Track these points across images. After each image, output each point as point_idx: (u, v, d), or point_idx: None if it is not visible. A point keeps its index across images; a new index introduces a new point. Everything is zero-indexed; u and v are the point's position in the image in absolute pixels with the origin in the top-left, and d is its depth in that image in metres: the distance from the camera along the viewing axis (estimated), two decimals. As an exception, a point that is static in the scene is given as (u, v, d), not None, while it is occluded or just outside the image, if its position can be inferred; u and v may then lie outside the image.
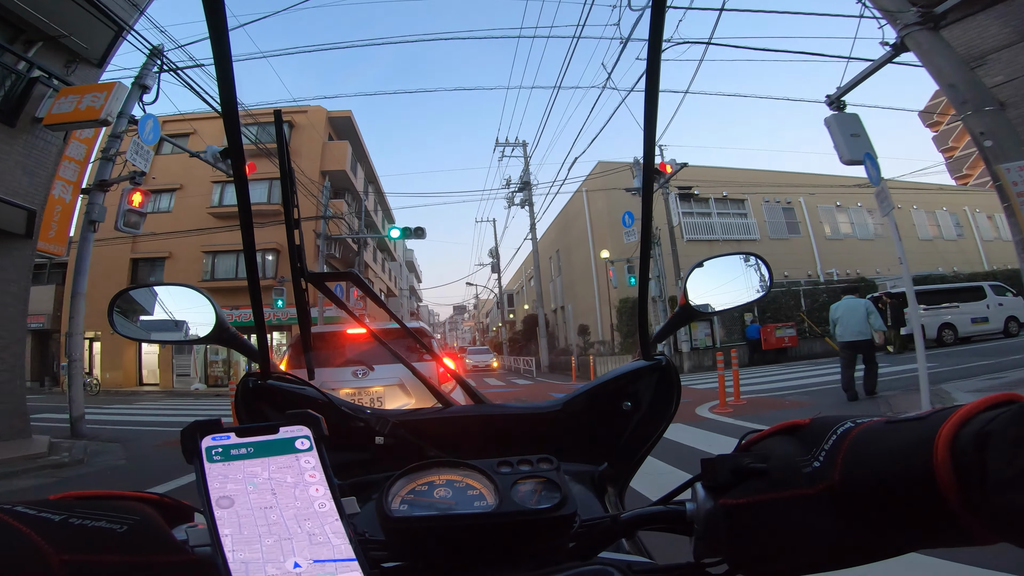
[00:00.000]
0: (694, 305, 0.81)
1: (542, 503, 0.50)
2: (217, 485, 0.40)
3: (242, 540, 0.37)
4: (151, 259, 21.89)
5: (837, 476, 0.39)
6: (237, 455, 0.42)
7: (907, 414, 0.39)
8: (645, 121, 0.58)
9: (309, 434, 0.45)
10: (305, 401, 0.79)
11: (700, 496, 0.49)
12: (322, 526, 0.39)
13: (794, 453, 0.44)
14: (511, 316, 39.14)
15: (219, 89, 0.50)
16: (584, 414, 0.83)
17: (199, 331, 0.79)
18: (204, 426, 0.43)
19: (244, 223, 0.61)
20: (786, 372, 12.58)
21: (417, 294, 60.82)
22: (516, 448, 0.64)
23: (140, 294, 0.85)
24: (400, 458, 0.62)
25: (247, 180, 0.58)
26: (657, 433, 0.83)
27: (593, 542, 0.54)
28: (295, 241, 0.74)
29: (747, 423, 6.35)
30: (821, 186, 23.98)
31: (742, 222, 23.27)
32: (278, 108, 0.76)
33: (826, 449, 0.41)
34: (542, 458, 0.55)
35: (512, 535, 0.50)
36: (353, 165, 25.13)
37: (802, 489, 0.41)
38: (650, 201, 0.65)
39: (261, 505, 0.40)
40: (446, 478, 0.54)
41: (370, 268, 27.63)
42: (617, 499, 0.78)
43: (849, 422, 0.42)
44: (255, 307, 0.67)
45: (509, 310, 38.95)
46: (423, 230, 17.20)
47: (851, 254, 24.23)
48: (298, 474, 0.43)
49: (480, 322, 62.01)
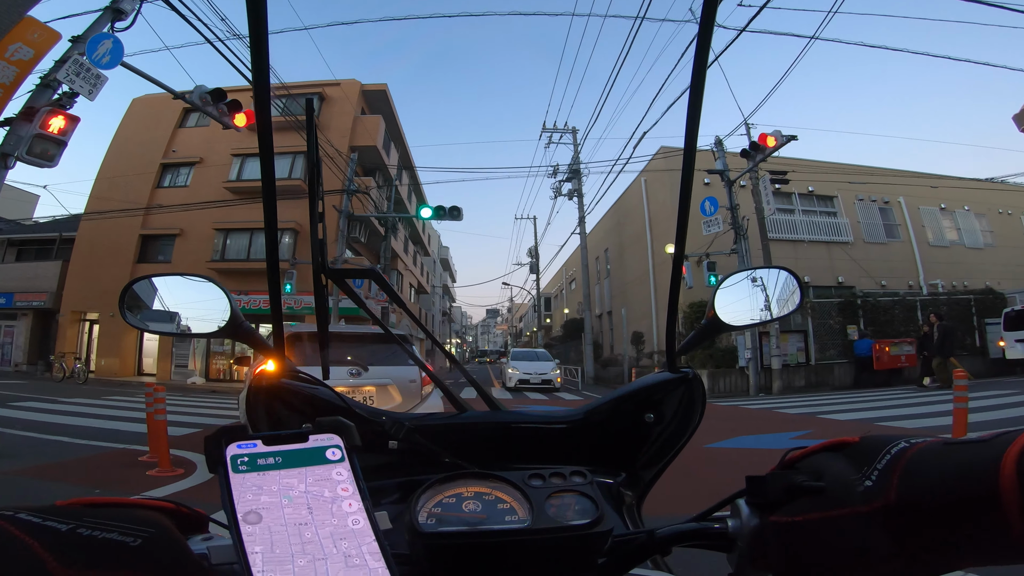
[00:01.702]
0: (722, 319, 0.77)
1: (577, 519, 0.49)
2: (244, 498, 0.37)
3: (273, 560, 0.34)
4: (161, 235, 20.00)
5: (893, 495, 0.38)
6: (265, 465, 0.39)
7: (968, 436, 0.38)
8: (689, 106, 0.54)
9: (340, 443, 0.42)
10: (321, 403, 0.76)
11: (744, 513, 0.48)
12: (359, 546, 0.37)
13: (846, 471, 0.43)
14: (548, 321, 36.59)
15: (252, 61, 0.46)
16: (605, 424, 0.79)
17: (212, 324, 0.74)
18: (230, 432, 0.40)
19: (268, 216, 0.55)
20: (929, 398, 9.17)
21: (450, 293, 58.71)
22: (534, 457, 0.64)
23: (152, 284, 0.79)
24: (415, 464, 0.62)
25: (273, 164, 0.52)
26: (678, 447, 0.79)
27: (625, 559, 0.52)
28: (318, 235, 0.73)
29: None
30: (922, 185, 20.53)
31: (831, 221, 19.87)
32: (309, 98, 0.87)
33: (879, 468, 0.40)
34: (575, 471, 0.54)
35: (546, 552, 0.48)
36: (386, 143, 22.77)
37: (856, 508, 0.40)
38: (687, 200, 0.61)
39: (295, 521, 0.37)
40: (474, 490, 0.53)
41: (399, 259, 25.22)
42: (636, 511, 0.76)
43: (904, 441, 0.41)
44: (273, 301, 0.64)
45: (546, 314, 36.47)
46: (459, 210, 14.58)
47: (958, 264, 20.67)
48: (333, 487, 0.40)
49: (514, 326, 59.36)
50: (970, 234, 21.94)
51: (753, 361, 12.98)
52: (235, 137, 20.31)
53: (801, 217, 19.56)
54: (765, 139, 12.21)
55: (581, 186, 22.72)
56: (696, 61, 0.52)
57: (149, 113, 21.23)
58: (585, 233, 22.66)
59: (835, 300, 14.80)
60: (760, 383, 12.96)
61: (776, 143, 12.10)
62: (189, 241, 19.41)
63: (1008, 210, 22.52)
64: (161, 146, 20.98)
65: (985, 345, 14.78)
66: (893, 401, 9.13)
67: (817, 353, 14.01)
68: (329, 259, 0.74)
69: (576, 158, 23.29)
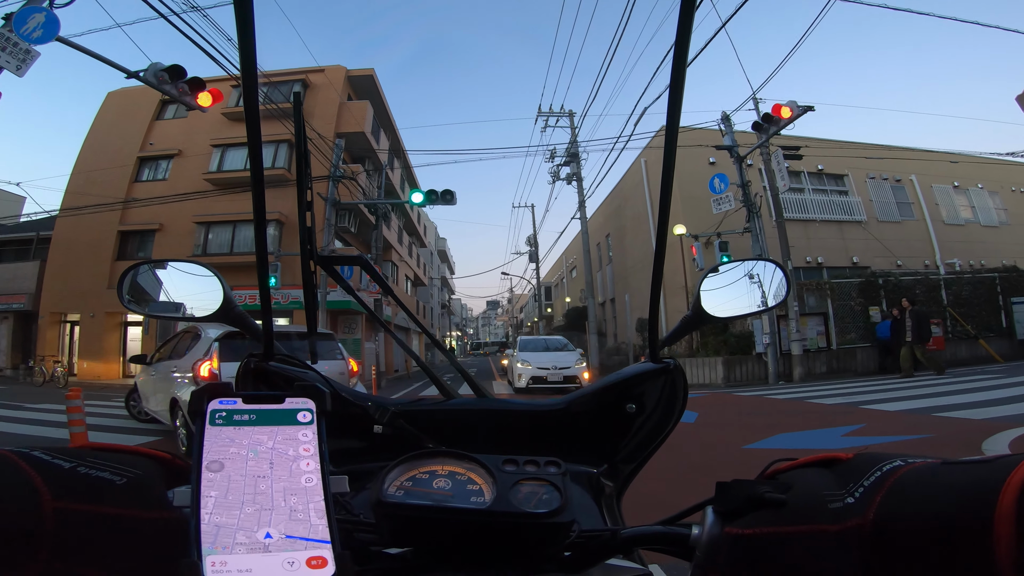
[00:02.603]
0: (707, 311, 0.76)
1: (540, 507, 0.49)
2: (213, 448, 0.40)
3: (224, 505, 0.37)
4: (140, 231, 19.03)
5: (871, 515, 0.36)
6: (239, 420, 0.43)
7: (969, 457, 0.36)
8: (672, 84, 0.51)
9: (312, 407, 0.45)
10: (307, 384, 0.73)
11: (708, 521, 0.47)
12: (306, 503, 0.39)
13: (823, 487, 0.42)
14: (548, 310, 35.82)
15: (240, 52, 0.45)
16: (587, 414, 0.80)
17: (205, 309, 0.76)
18: (214, 389, 0.44)
19: (256, 204, 0.55)
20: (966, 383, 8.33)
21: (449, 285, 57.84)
22: (516, 445, 0.65)
23: (150, 269, 0.82)
24: (398, 449, 0.61)
25: (261, 152, 0.51)
26: (660, 438, 0.79)
27: (589, 554, 0.53)
28: (307, 223, 0.74)
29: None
30: (941, 160, 19.87)
31: (842, 200, 19.13)
32: (297, 92, 0.85)
33: (865, 486, 0.39)
34: (550, 461, 0.54)
35: (504, 536, 0.49)
36: (375, 129, 21.79)
37: (821, 525, 0.39)
38: (670, 183, 0.58)
39: (255, 474, 0.40)
40: (449, 469, 0.53)
41: (394, 250, 24.32)
42: (616, 503, 0.77)
43: (899, 460, 0.39)
44: (262, 288, 0.65)
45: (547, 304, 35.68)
46: (452, 194, 13.69)
47: (974, 242, 20.16)
48: (297, 447, 0.42)
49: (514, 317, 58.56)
50: (985, 212, 21.36)
51: (772, 347, 12.14)
52: (215, 127, 19.55)
53: (812, 196, 18.82)
54: (779, 110, 11.30)
55: (580, 170, 21.79)
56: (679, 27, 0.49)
57: (125, 106, 20.23)
58: (586, 218, 21.75)
59: (855, 280, 13.97)
60: (779, 370, 12.14)
61: (792, 114, 11.20)
62: (169, 236, 18.47)
63: (1021, 188, 21.94)
64: (138, 140, 20.01)
65: (1012, 325, 14.00)
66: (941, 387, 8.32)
67: (838, 336, 13.20)
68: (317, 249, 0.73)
69: (574, 141, 22.36)
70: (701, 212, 14.63)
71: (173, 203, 16.56)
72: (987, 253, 19.43)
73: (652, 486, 0.77)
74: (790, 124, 11.39)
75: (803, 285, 13.77)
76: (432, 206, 14.34)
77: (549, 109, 22.65)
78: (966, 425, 5.00)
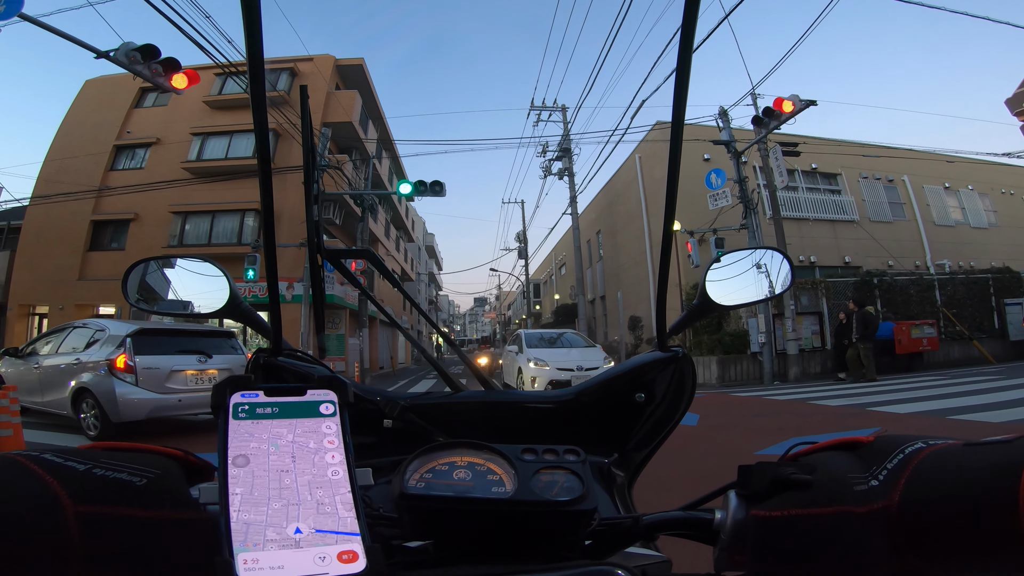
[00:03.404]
0: (713, 299, 0.76)
1: (561, 495, 0.48)
2: (237, 443, 0.40)
3: (251, 501, 0.37)
4: (114, 221, 18.24)
5: (897, 497, 0.37)
6: (263, 414, 0.42)
7: (990, 438, 0.36)
8: (677, 72, 0.51)
9: (334, 399, 0.45)
10: (329, 376, 0.75)
11: (732, 505, 0.46)
12: (332, 496, 0.39)
13: (848, 469, 0.42)
14: (537, 308, 35.48)
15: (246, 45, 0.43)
16: (596, 404, 0.80)
17: (212, 305, 0.75)
18: (236, 382, 0.43)
19: (264, 197, 0.53)
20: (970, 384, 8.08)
21: (437, 281, 57.21)
22: (526, 437, 0.63)
23: (155, 265, 0.81)
24: (408, 443, 0.59)
25: (269, 143, 0.51)
26: (669, 427, 0.79)
27: (610, 542, 0.52)
28: (314, 216, 0.74)
29: None
30: (927, 161, 19.91)
31: (835, 199, 19.03)
32: (304, 84, 0.71)
33: (888, 468, 0.39)
34: (569, 449, 0.54)
35: (527, 525, 0.48)
36: (363, 120, 21.23)
37: (848, 507, 0.39)
38: (676, 174, 0.59)
39: (278, 468, 0.39)
40: (468, 460, 0.53)
41: (380, 243, 23.77)
42: (628, 492, 0.77)
43: (920, 442, 0.39)
44: (270, 281, 0.64)
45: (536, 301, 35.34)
46: (441, 185, 13.21)
47: (963, 243, 20.27)
48: (319, 439, 0.42)
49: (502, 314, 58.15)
50: (975, 213, 21.45)
51: (768, 346, 11.87)
52: (196, 116, 18.96)
53: (805, 195, 18.68)
54: (781, 104, 11.01)
55: (572, 165, 21.45)
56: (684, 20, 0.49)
57: (103, 94, 19.51)
58: (577, 213, 21.41)
59: (850, 279, 13.78)
60: (775, 370, 11.88)
61: (794, 108, 10.91)
62: (144, 226, 17.71)
63: (1011, 190, 22.12)
64: (115, 128, 19.23)
65: (1004, 327, 13.92)
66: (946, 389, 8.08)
67: (833, 337, 13.00)
68: (299, 241, 0.76)
69: (566, 136, 22.00)
70: (696, 208, 14.33)
71: (149, 192, 15.88)
72: (976, 254, 19.46)
73: (671, 499, 0.65)
74: (791, 119, 11.11)
75: (798, 284, 13.54)
76: (421, 198, 13.85)
77: (542, 103, 22.35)
78: (987, 429, 4.70)
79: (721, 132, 13.57)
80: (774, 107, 11.14)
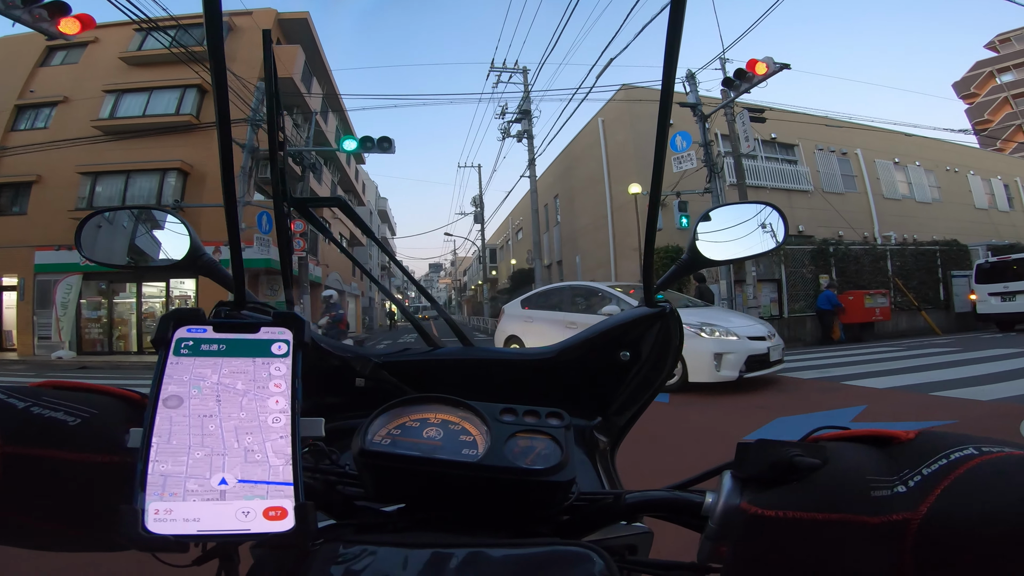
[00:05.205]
0: (703, 253, 0.72)
1: (537, 463, 0.44)
2: (173, 381, 0.36)
3: (176, 447, 0.34)
4: (14, 184, 16.16)
5: (924, 509, 0.31)
6: (207, 351, 0.38)
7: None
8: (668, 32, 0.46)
9: (289, 339, 0.40)
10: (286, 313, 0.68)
11: (725, 488, 0.40)
12: (263, 443, 0.35)
13: (870, 468, 0.35)
14: (493, 272, 34.84)
15: None
16: (580, 363, 0.76)
17: (170, 257, 0.71)
18: (183, 315, 0.40)
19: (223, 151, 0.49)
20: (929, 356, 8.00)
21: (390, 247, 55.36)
22: (505, 396, 0.60)
23: (110, 217, 0.75)
24: (382, 403, 0.57)
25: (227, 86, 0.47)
26: (655, 387, 0.75)
27: (589, 519, 0.48)
28: (279, 164, 0.70)
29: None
30: (880, 135, 20.34)
31: (792, 169, 19.15)
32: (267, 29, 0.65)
33: (924, 474, 0.33)
34: (552, 412, 0.49)
35: (496, 494, 0.44)
36: (306, 76, 19.61)
37: (858, 515, 0.33)
38: (666, 133, 0.55)
39: (213, 411, 0.36)
40: (442, 417, 0.49)
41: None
42: (611, 460, 0.73)
43: (972, 447, 0.33)
44: (231, 232, 0.61)
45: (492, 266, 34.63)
46: (390, 141, 12.13)
47: (908, 217, 21.05)
48: (264, 381, 0.38)
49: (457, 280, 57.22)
50: (920, 189, 22.22)
51: (727, 313, 11.65)
52: (111, 73, 17.21)
53: (764, 163, 18.63)
54: (755, 66, 10.47)
55: (531, 127, 20.58)
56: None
57: (3, 56, 17.27)
58: (535, 176, 20.65)
59: (808, 247, 13.72)
60: (733, 339, 11.71)
61: (768, 70, 10.41)
62: (48, 189, 15.76)
63: (955, 168, 22.91)
64: (17, 88, 17.16)
65: (950, 298, 14.30)
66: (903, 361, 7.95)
67: (789, 304, 12.96)
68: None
69: (526, 98, 21.04)
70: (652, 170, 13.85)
71: (54, 152, 14.10)
72: (919, 228, 20.14)
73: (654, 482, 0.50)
74: (764, 82, 10.64)
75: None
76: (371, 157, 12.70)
77: (503, 64, 21.32)
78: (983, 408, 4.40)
79: (688, 95, 13.03)
80: (747, 68, 10.61)
